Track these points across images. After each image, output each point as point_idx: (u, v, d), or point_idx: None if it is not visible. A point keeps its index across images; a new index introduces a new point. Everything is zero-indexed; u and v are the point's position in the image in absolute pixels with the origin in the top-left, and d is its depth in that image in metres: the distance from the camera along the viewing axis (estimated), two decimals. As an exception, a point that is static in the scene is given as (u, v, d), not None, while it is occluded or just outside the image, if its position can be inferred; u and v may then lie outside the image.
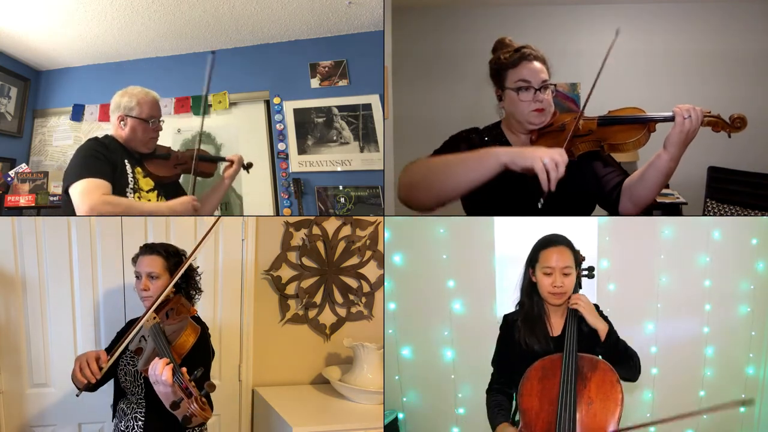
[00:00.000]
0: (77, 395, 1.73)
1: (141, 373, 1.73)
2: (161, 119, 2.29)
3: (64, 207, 2.14)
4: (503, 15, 4.86)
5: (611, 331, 1.64)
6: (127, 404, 1.85)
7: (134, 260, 1.91)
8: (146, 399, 1.79)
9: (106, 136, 2.24)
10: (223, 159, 2.43)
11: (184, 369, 1.60)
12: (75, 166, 2.08)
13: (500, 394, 1.73)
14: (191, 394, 1.54)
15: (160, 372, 1.57)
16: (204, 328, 1.83)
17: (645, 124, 1.73)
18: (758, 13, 4.65)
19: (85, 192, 1.99)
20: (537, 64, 1.79)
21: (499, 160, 1.59)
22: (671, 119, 1.68)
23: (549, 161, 1.53)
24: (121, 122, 2.22)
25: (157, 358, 1.62)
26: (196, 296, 1.96)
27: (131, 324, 1.93)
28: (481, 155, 1.63)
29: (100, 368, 1.71)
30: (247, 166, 2.47)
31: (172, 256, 1.88)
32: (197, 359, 1.71)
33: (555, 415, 1.49)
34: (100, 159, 2.08)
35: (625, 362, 1.64)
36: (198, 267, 1.97)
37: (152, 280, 1.83)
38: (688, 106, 1.65)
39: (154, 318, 1.76)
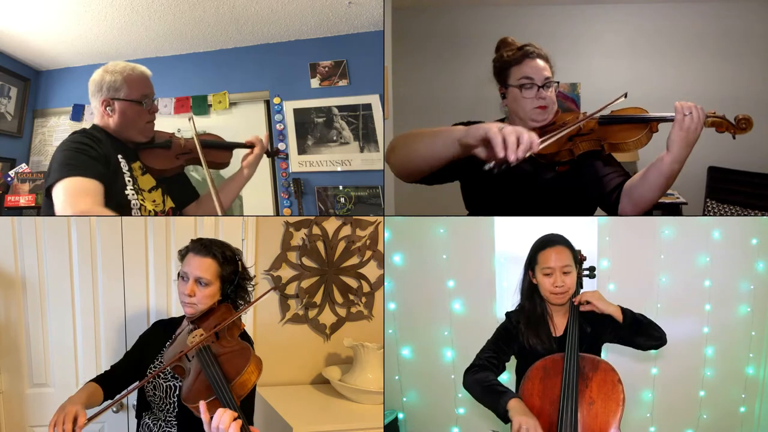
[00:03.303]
0: None
1: (176, 393, 1.54)
2: (155, 98, 1.92)
3: (44, 211, 1.77)
4: (503, 15, 4.87)
5: (624, 309, 1.65)
6: (153, 420, 1.65)
7: (182, 255, 1.64)
8: (178, 419, 1.58)
9: (94, 127, 1.87)
10: (242, 145, 2.07)
11: (256, 431, 1.36)
12: (56, 163, 1.65)
13: (485, 371, 1.62)
14: None
15: (226, 428, 1.30)
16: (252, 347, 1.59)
17: (647, 124, 1.71)
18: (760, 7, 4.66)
19: (70, 195, 1.56)
20: (540, 62, 1.80)
21: (453, 135, 1.51)
22: (672, 119, 1.66)
23: (508, 129, 1.38)
24: (107, 108, 1.83)
25: (221, 409, 1.34)
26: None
27: (158, 328, 1.78)
28: (446, 131, 1.58)
29: (73, 430, 1.44)
30: (273, 153, 2.13)
31: (228, 262, 1.63)
32: (251, 399, 1.53)
33: (556, 415, 1.49)
34: (89, 154, 1.68)
35: (651, 330, 1.65)
36: (254, 276, 1.74)
37: (200, 287, 1.58)
38: (689, 103, 1.63)
39: (201, 335, 1.50)
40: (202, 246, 1.62)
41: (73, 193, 1.56)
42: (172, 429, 1.61)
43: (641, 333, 1.65)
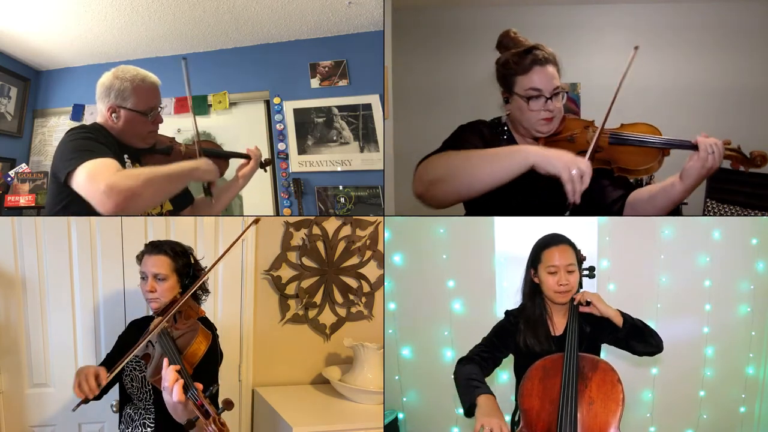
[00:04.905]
0: (74, 409, 1.64)
1: (149, 380, 1.66)
2: (161, 106, 1.93)
3: (53, 199, 1.79)
4: (503, 14, 4.86)
5: (624, 314, 1.65)
6: (134, 410, 1.78)
7: (139, 259, 1.80)
8: (155, 405, 1.72)
9: (95, 125, 1.88)
10: (240, 155, 2.10)
11: (199, 385, 1.49)
12: (72, 151, 1.68)
13: (472, 364, 1.65)
14: (209, 414, 1.42)
15: (170, 386, 1.46)
16: (214, 331, 1.76)
17: (659, 150, 1.64)
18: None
19: (96, 171, 1.60)
20: (549, 69, 1.70)
21: (528, 160, 1.54)
22: (690, 147, 1.60)
23: (576, 173, 1.50)
24: (113, 114, 1.84)
25: (168, 366, 1.52)
26: (203, 296, 1.87)
27: (133, 326, 1.90)
28: (509, 152, 1.58)
29: (99, 385, 1.63)
30: (265, 164, 2.16)
31: (180, 256, 1.79)
32: (208, 368, 1.65)
33: (556, 415, 1.49)
34: (101, 141, 1.73)
35: (648, 336, 1.65)
36: (205, 267, 1.87)
37: (159, 282, 1.74)
38: (712, 140, 1.59)
39: (160, 320, 1.68)
40: (154, 246, 1.79)
41: (97, 170, 1.60)
42: (150, 416, 1.74)
43: (639, 339, 1.65)
